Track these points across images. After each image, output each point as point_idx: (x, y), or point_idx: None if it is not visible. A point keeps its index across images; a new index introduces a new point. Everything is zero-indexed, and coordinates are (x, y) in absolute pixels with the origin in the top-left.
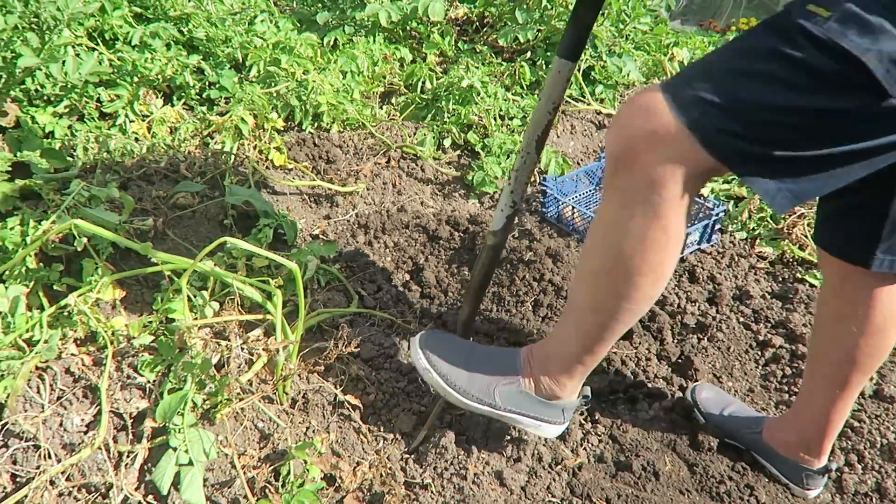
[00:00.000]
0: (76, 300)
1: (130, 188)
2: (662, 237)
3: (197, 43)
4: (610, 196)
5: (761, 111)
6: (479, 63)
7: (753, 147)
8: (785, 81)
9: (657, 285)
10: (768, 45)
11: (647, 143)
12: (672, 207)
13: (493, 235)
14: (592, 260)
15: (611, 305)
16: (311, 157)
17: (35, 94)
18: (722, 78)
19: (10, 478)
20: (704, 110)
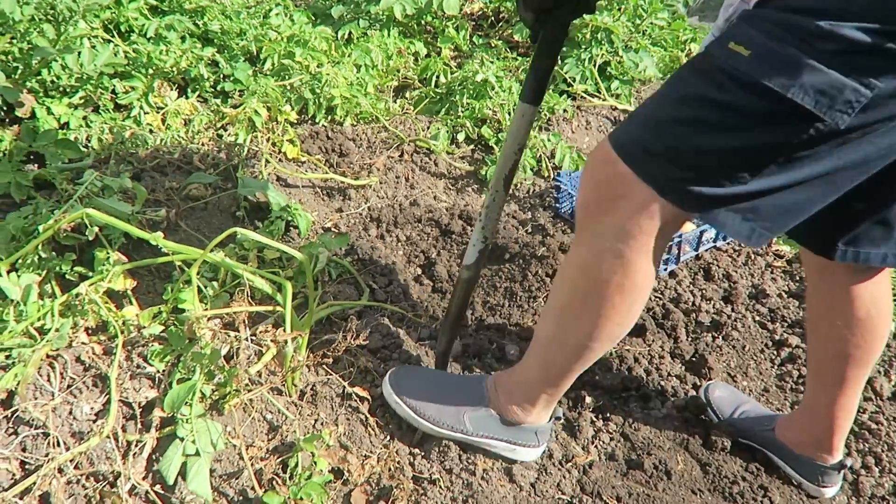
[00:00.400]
0: (87, 289)
1: (144, 179)
2: (629, 283)
3: (212, 35)
4: (580, 238)
5: (703, 155)
6: (494, 57)
7: (707, 189)
8: (718, 125)
9: (622, 327)
10: (696, 90)
11: (609, 195)
12: (640, 254)
13: (466, 269)
14: (560, 297)
15: (574, 342)
16: (324, 150)
17: (51, 86)
18: (660, 128)
19: (19, 465)
20: (653, 161)
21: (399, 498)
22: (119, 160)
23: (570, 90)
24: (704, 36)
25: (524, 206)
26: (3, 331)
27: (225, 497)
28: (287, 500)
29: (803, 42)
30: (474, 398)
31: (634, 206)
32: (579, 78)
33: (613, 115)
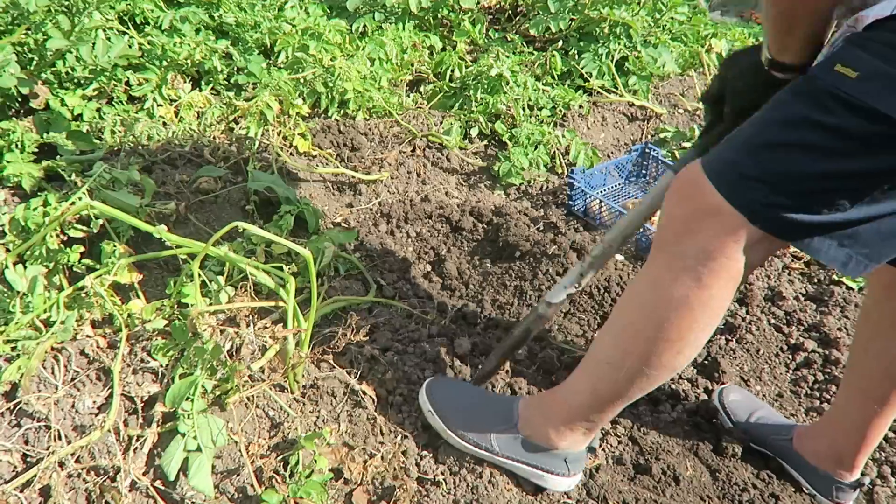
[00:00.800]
0: (92, 282)
1: (154, 172)
2: (700, 309)
3: (226, 28)
4: (657, 256)
5: (805, 181)
6: (510, 52)
7: (804, 216)
8: (823, 148)
9: (681, 356)
10: (800, 113)
11: (696, 220)
12: (719, 280)
13: (546, 305)
14: (624, 315)
15: (630, 365)
16: (335, 144)
17: (65, 77)
18: (760, 152)
19: (20, 457)
20: (748, 186)
21: (402, 499)
22: (130, 152)
23: (587, 86)
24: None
25: (536, 203)
26: (10, 322)
27: (225, 494)
28: (286, 498)
29: None
30: (504, 418)
31: (721, 230)
32: (596, 73)
33: (630, 111)
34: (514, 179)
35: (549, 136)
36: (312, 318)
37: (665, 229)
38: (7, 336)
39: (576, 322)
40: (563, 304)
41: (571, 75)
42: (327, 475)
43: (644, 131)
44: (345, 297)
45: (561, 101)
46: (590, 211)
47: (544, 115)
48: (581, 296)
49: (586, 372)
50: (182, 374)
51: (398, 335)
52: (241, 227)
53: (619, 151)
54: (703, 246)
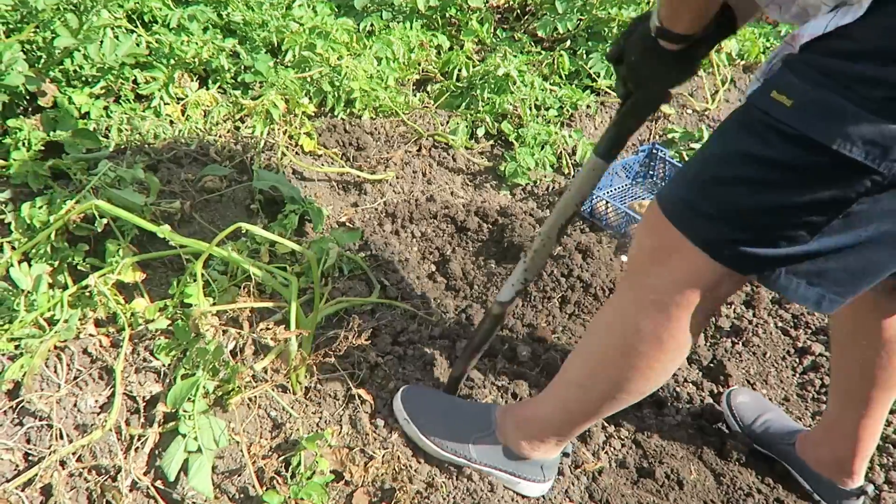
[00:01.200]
0: (96, 281)
1: (160, 170)
2: (668, 340)
3: (234, 26)
4: (625, 285)
5: (756, 215)
6: (518, 52)
7: (764, 250)
8: (766, 182)
9: (651, 383)
10: (740, 146)
11: (661, 254)
12: (686, 312)
13: (498, 305)
14: (594, 341)
15: (600, 390)
16: (341, 143)
17: (73, 75)
18: (707, 188)
19: (22, 456)
20: (703, 223)
21: (402, 501)
22: (136, 151)
23: (595, 86)
24: None
25: (542, 203)
26: (14, 321)
27: (226, 494)
28: (287, 499)
29: (847, 89)
30: (481, 426)
31: (685, 265)
32: (604, 73)
33: None
34: (520, 179)
35: (556, 136)
36: (315, 320)
37: (634, 260)
38: (11, 334)
39: (580, 323)
40: (514, 302)
41: (579, 75)
42: (328, 476)
43: (652, 132)
44: (348, 299)
45: (568, 101)
46: (596, 212)
47: (551, 115)
48: (586, 297)
49: (558, 390)
50: (184, 374)
51: (400, 337)
52: (245, 227)
53: (626, 152)
54: (669, 279)
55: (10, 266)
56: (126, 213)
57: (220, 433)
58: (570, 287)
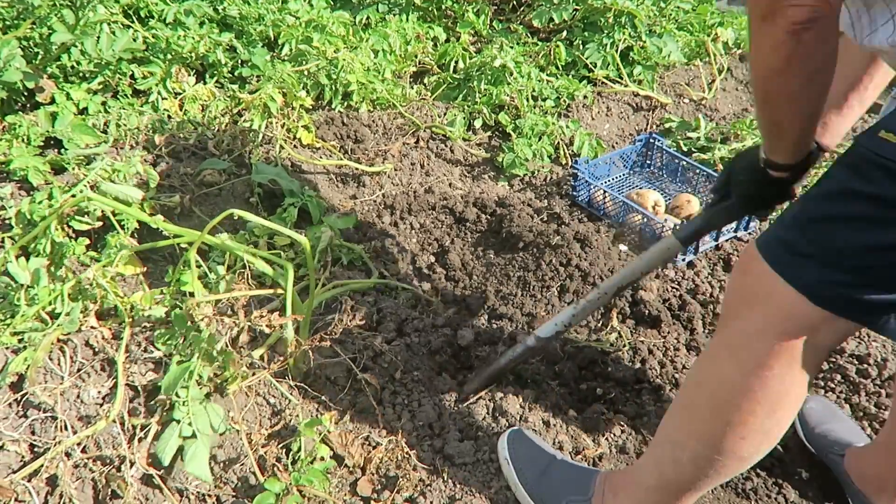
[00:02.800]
0: (95, 273)
1: (159, 165)
2: (760, 391)
3: (230, 21)
4: (719, 332)
5: (854, 255)
6: (514, 43)
7: (864, 293)
8: (867, 219)
9: (745, 443)
10: (842, 183)
11: (754, 296)
12: (778, 360)
13: (536, 339)
14: (686, 392)
15: (692, 447)
16: (339, 136)
17: (70, 71)
18: (807, 227)
19: (28, 448)
20: (800, 263)
21: (405, 488)
22: (135, 146)
23: (591, 76)
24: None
25: (540, 194)
26: (16, 314)
27: (228, 483)
28: (289, 486)
29: None
30: (579, 490)
31: (778, 308)
32: (601, 63)
33: (635, 101)
34: (517, 170)
35: (553, 126)
36: (311, 305)
37: (726, 304)
38: (13, 328)
39: None
40: (553, 341)
41: (576, 65)
42: (329, 462)
43: (649, 121)
44: (345, 281)
45: (565, 92)
46: (594, 202)
47: (548, 106)
48: (584, 285)
49: (654, 450)
50: (179, 361)
51: (404, 324)
52: (237, 214)
53: (624, 141)
54: (762, 324)
55: (8, 261)
56: (121, 206)
57: (216, 419)
58: (569, 276)
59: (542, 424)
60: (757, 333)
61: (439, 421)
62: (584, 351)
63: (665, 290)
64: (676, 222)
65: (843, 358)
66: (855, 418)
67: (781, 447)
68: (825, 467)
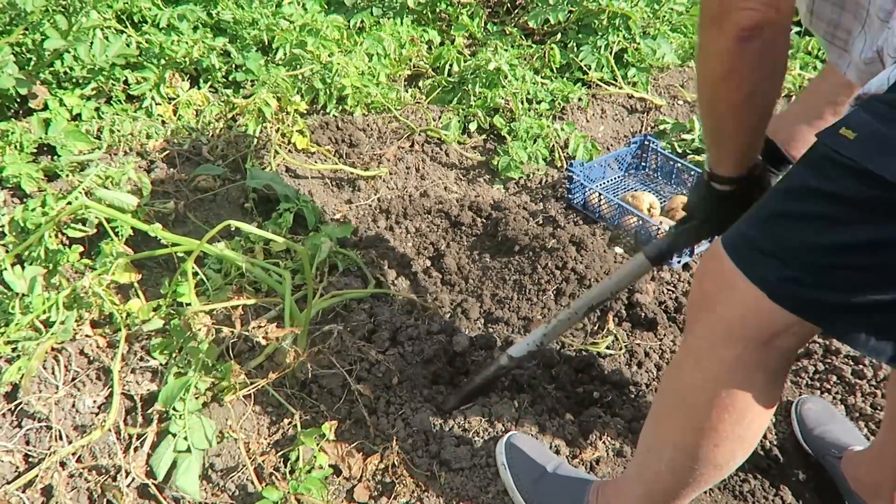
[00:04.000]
0: (91, 282)
1: (154, 171)
2: (727, 396)
3: (224, 25)
4: (685, 337)
5: (813, 253)
6: (509, 45)
7: (821, 294)
8: (825, 217)
9: (720, 450)
10: (801, 180)
11: (714, 291)
12: (745, 366)
13: (508, 358)
14: (659, 399)
15: (671, 457)
16: (333, 140)
17: (64, 77)
18: (768, 224)
19: (22, 458)
20: (761, 260)
21: (401, 494)
22: (129, 151)
23: (586, 78)
24: None
25: (535, 196)
26: (10, 323)
27: (226, 492)
28: (287, 494)
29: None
30: (575, 496)
31: (741, 306)
32: (595, 65)
33: (630, 103)
34: (513, 173)
35: (548, 129)
36: (309, 315)
37: (690, 308)
38: (7, 337)
39: None
40: (525, 358)
41: (570, 68)
42: (327, 471)
43: (644, 123)
44: (342, 292)
45: (560, 94)
46: (589, 204)
47: (543, 109)
48: (580, 288)
49: (636, 459)
50: (177, 373)
51: (398, 333)
52: (234, 225)
53: (619, 144)
54: (724, 327)
55: (4, 269)
56: (116, 213)
57: (211, 433)
58: (565, 279)
59: (539, 428)
60: (720, 339)
61: (435, 427)
62: (580, 354)
63: (661, 292)
64: (672, 224)
65: (839, 359)
66: (851, 419)
67: (779, 449)
68: (823, 469)
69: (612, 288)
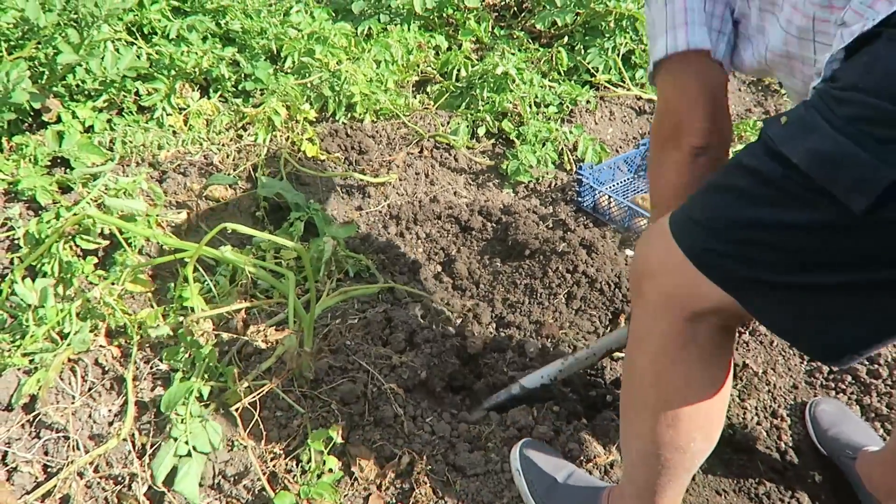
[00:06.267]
0: (101, 292)
1: (166, 181)
2: (665, 374)
3: (233, 35)
4: (633, 312)
5: (733, 226)
6: (516, 49)
7: (742, 269)
8: (748, 193)
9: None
10: (737, 158)
11: (657, 269)
12: (676, 343)
13: (521, 388)
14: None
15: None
16: (343, 147)
17: (76, 90)
18: (702, 194)
19: (41, 468)
20: (690, 229)
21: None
22: (141, 162)
23: (593, 80)
24: None
25: (545, 200)
26: (25, 335)
27: (237, 498)
28: (299, 499)
29: (827, 107)
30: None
31: (672, 275)
32: (602, 68)
33: (638, 104)
34: (522, 177)
35: (557, 132)
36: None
37: (633, 283)
38: (24, 349)
39: (587, 319)
40: (536, 390)
41: (578, 70)
42: (338, 474)
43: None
44: (349, 289)
45: (568, 97)
46: (599, 207)
47: (551, 112)
48: (591, 292)
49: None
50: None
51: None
52: (230, 227)
53: (627, 146)
54: (658, 294)
55: (14, 282)
56: (118, 221)
57: (217, 437)
58: (576, 283)
59: (553, 433)
60: (654, 313)
61: (449, 432)
62: None
63: None
64: None
65: None
66: (866, 419)
67: (794, 451)
68: (838, 470)
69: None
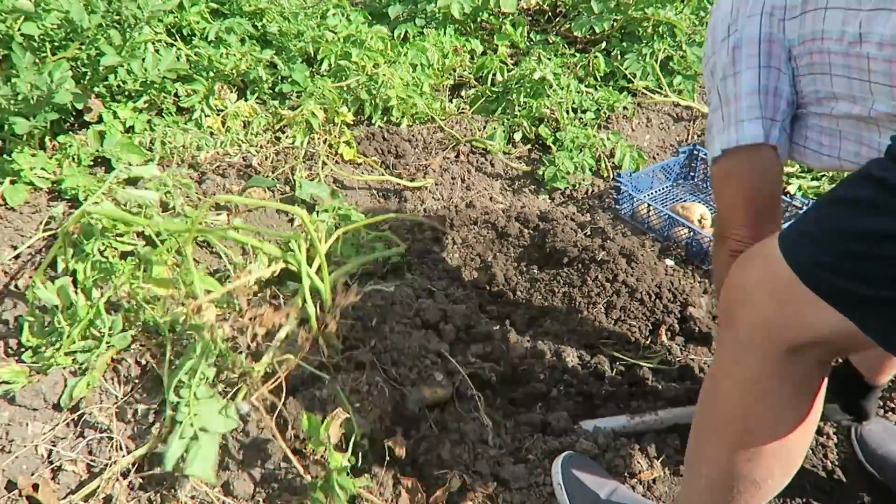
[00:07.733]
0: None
1: (206, 182)
2: (754, 405)
3: (270, 37)
4: (721, 338)
5: (848, 238)
6: (552, 54)
7: (853, 284)
8: (869, 203)
9: (752, 465)
10: (865, 168)
11: (754, 293)
12: (770, 373)
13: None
14: (695, 418)
15: (708, 473)
16: (380, 151)
17: (117, 90)
18: (819, 208)
19: (85, 468)
20: (802, 243)
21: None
22: (181, 163)
23: (631, 87)
24: None
25: (582, 207)
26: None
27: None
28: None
29: None
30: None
31: (781, 300)
32: (640, 74)
33: (675, 111)
34: (559, 184)
35: (594, 138)
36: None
37: (726, 303)
38: (66, 349)
39: (626, 329)
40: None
41: (615, 76)
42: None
43: (690, 132)
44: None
45: (605, 103)
46: (637, 215)
47: (588, 118)
48: (631, 302)
49: (684, 479)
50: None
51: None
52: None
53: (665, 153)
54: (751, 326)
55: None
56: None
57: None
58: (616, 292)
59: (595, 446)
60: (746, 345)
61: (492, 442)
62: (633, 369)
63: (715, 306)
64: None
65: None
66: None
67: (841, 470)
68: (888, 490)
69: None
